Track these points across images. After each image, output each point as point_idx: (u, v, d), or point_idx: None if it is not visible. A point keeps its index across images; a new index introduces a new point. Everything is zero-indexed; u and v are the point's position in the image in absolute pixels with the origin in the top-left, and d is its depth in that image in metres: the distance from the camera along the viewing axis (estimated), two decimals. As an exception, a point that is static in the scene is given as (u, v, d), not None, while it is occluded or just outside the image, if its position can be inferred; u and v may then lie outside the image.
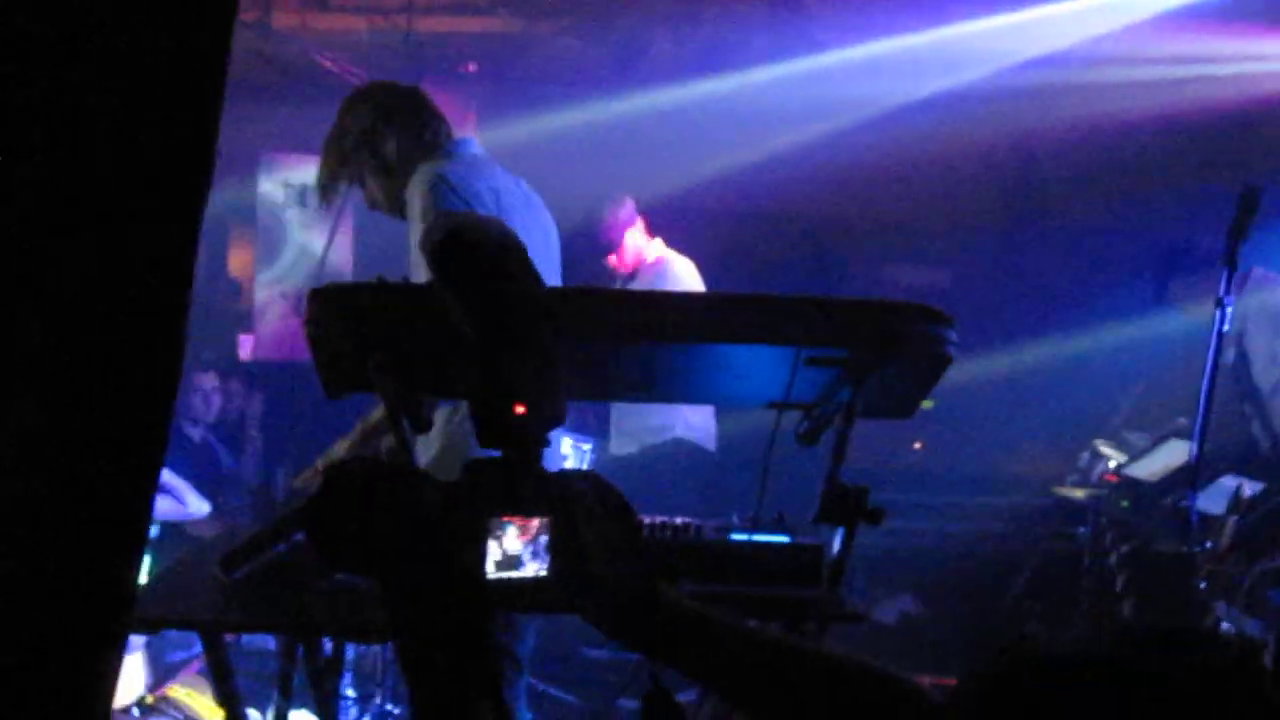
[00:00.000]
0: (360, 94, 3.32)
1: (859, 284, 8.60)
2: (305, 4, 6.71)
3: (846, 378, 2.04)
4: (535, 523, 1.17)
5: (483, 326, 1.20)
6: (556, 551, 1.17)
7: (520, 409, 1.18)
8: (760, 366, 2.02)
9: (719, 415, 5.52)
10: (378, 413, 2.97)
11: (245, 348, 7.43)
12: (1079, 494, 5.34)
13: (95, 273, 1.05)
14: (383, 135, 3.19)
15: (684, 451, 5.23)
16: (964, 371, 7.46)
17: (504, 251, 1.23)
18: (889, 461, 8.03)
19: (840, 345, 2.00)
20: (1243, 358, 5.16)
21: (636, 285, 5.23)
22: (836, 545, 2.05)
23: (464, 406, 3.01)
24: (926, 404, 7.78)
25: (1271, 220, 5.18)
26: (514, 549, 1.16)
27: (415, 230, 3.04)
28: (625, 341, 1.99)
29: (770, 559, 2.09)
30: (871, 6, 6.22)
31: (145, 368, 1.09)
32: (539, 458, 1.20)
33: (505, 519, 1.16)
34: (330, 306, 1.99)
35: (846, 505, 1.99)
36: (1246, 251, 5.03)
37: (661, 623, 1.21)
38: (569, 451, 5.08)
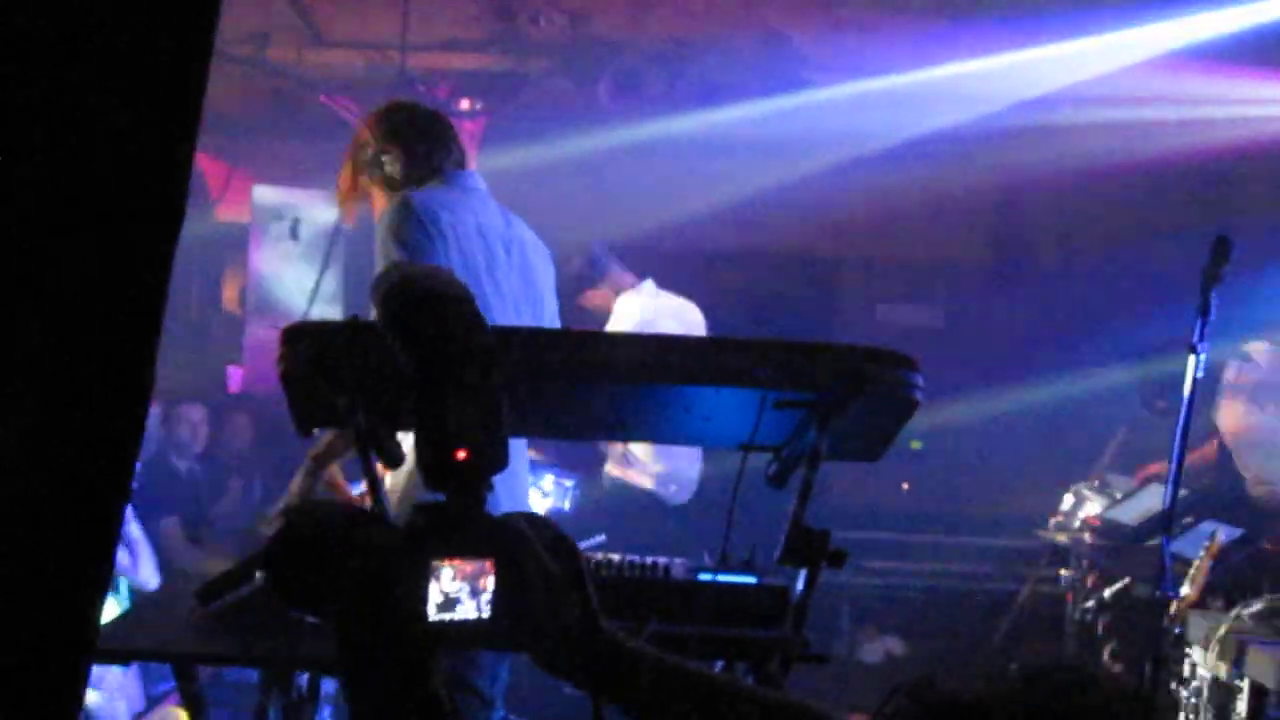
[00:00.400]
0: (382, 110, 3.37)
1: (852, 323, 8.64)
2: (301, 39, 6.76)
3: (813, 420, 2.06)
4: (473, 565, 1.19)
5: (426, 373, 1.23)
6: (499, 592, 1.19)
7: (462, 454, 1.21)
8: (728, 409, 2.04)
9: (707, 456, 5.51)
10: (324, 440, 2.99)
11: (234, 380, 7.45)
12: (1062, 537, 5.36)
13: (95, 273, 1.06)
14: (389, 153, 3.25)
15: (641, 497, 5.23)
16: (953, 412, 7.53)
17: (448, 301, 1.26)
18: (876, 503, 8.06)
19: (807, 388, 2.02)
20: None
21: (613, 322, 5.24)
22: (800, 587, 2.06)
23: None
24: (915, 445, 7.84)
25: (1253, 268, 5.24)
26: (452, 590, 1.18)
27: (378, 253, 3.08)
28: (593, 382, 2.01)
29: (736, 600, 2.10)
30: (861, 48, 6.27)
31: (130, 370, 1.10)
32: (482, 501, 1.23)
33: (445, 561, 1.18)
34: (302, 345, 2.01)
35: (809, 547, 2.01)
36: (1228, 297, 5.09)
37: (604, 662, 1.23)
38: (551, 488, 5.08)
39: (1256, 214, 7.04)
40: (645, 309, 5.21)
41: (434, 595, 1.18)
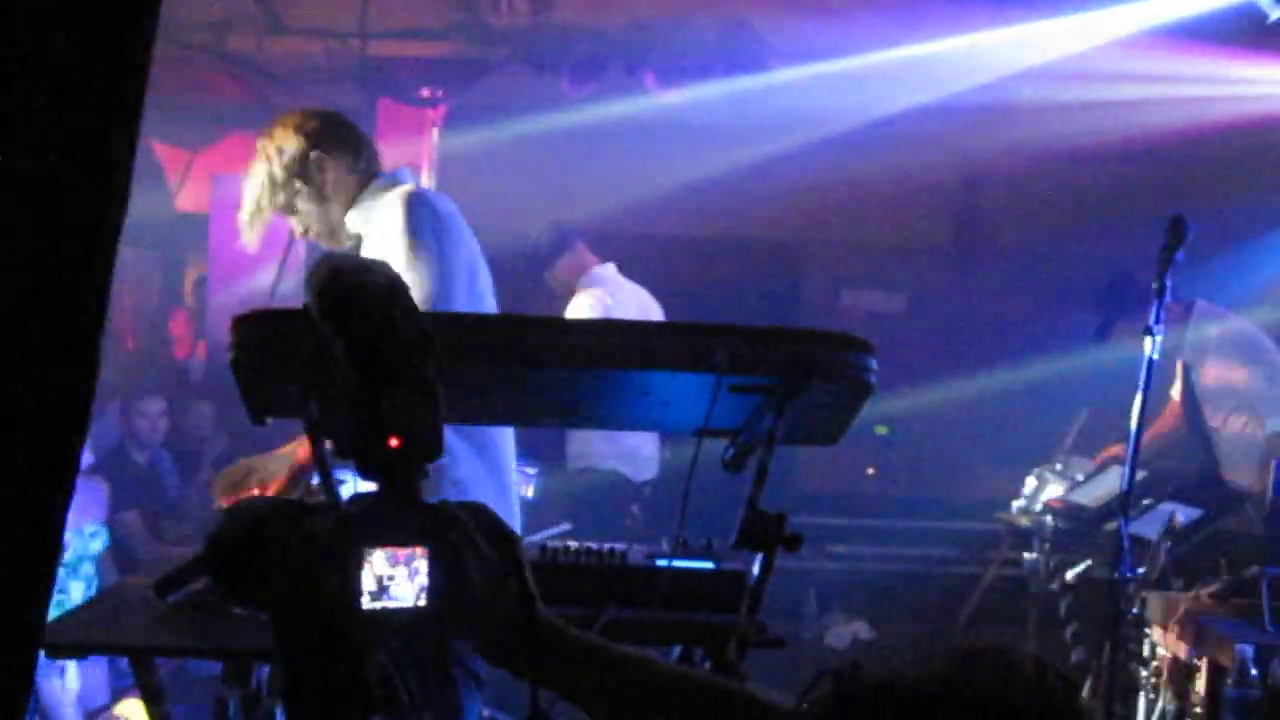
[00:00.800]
0: (288, 120, 3.23)
1: (816, 308, 8.67)
2: (261, 29, 6.71)
3: (769, 404, 2.06)
4: (406, 551, 1.19)
5: (360, 363, 1.23)
6: (434, 579, 1.19)
7: (394, 442, 1.20)
8: (683, 393, 2.04)
9: (665, 440, 5.54)
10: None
11: (196, 372, 7.40)
12: (1024, 520, 5.39)
13: (30, 267, 1.05)
14: (318, 163, 3.16)
15: (600, 479, 5.27)
16: (917, 396, 7.56)
17: (379, 290, 1.26)
18: (842, 488, 8.10)
19: (763, 372, 2.01)
20: (1192, 388, 5.23)
21: (573, 305, 5.27)
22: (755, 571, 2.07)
23: None
24: (880, 430, 7.86)
25: (1213, 250, 5.28)
26: (386, 576, 1.18)
27: (395, 252, 3.02)
28: (547, 367, 2.00)
29: (692, 585, 2.10)
30: (821, 31, 6.28)
31: (73, 363, 1.09)
32: (417, 489, 1.22)
33: (378, 548, 1.18)
34: (254, 332, 1.99)
35: (765, 531, 2.01)
36: (1188, 281, 5.12)
37: (541, 649, 1.23)
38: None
39: (1221, 193, 7.09)
40: (607, 294, 5.24)
41: (367, 582, 1.17)
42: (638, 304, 5.27)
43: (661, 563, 2.12)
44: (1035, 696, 1.14)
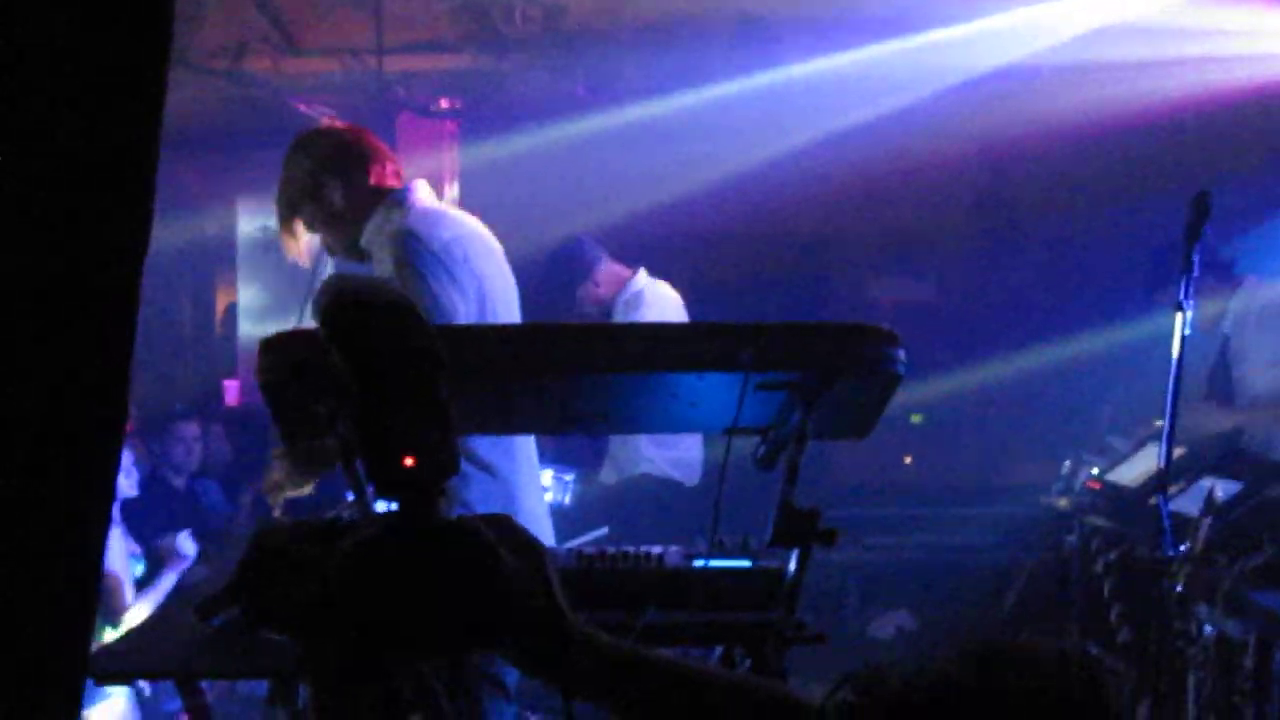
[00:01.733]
0: (300, 143, 3.29)
1: (844, 299, 8.65)
2: (276, 48, 6.74)
3: (797, 400, 2.06)
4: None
5: (365, 381, 1.23)
6: (459, 594, 1.19)
7: (409, 460, 1.21)
8: (711, 393, 2.05)
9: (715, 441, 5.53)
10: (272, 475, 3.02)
11: (231, 393, 7.45)
12: (1063, 502, 5.36)
13: (54, 289, 1.05)
14: (326, 184, 3.19)
15: (653, 484, 5.25)
16: (951, 383, 7.53)
17: (384, 307, 1.26)
18: (880, 477, 8.07)
19: (789, 368, 2.02)
20: (1226, 359, 5.21)
21: (614, 316, 5.26)
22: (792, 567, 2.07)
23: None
24: (916, 419, 7.82)
25: (1246, 221, 5.23)
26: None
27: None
28: (575, 375, 2.01)
29: (729, 584, 2.10)
30: (836, 24, 6.26)
31: (104, 388, 1.09)
32: (435, 506, 1.23)
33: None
34: (282, 355, 2.01)
35: (799, 527, 2.01)
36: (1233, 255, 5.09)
37: (576, 659, 1.23)
38: (550, 483, 5.09)
39: (1248, 166, 7.03)
40: (649, 297, 5.25)
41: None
42: (675, 303, 5.28)
43: (698, 563, 2.12)
44: (1061, 698, 1.13)
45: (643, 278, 5.37)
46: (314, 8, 6.53)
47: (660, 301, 5.27)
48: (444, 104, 6.80)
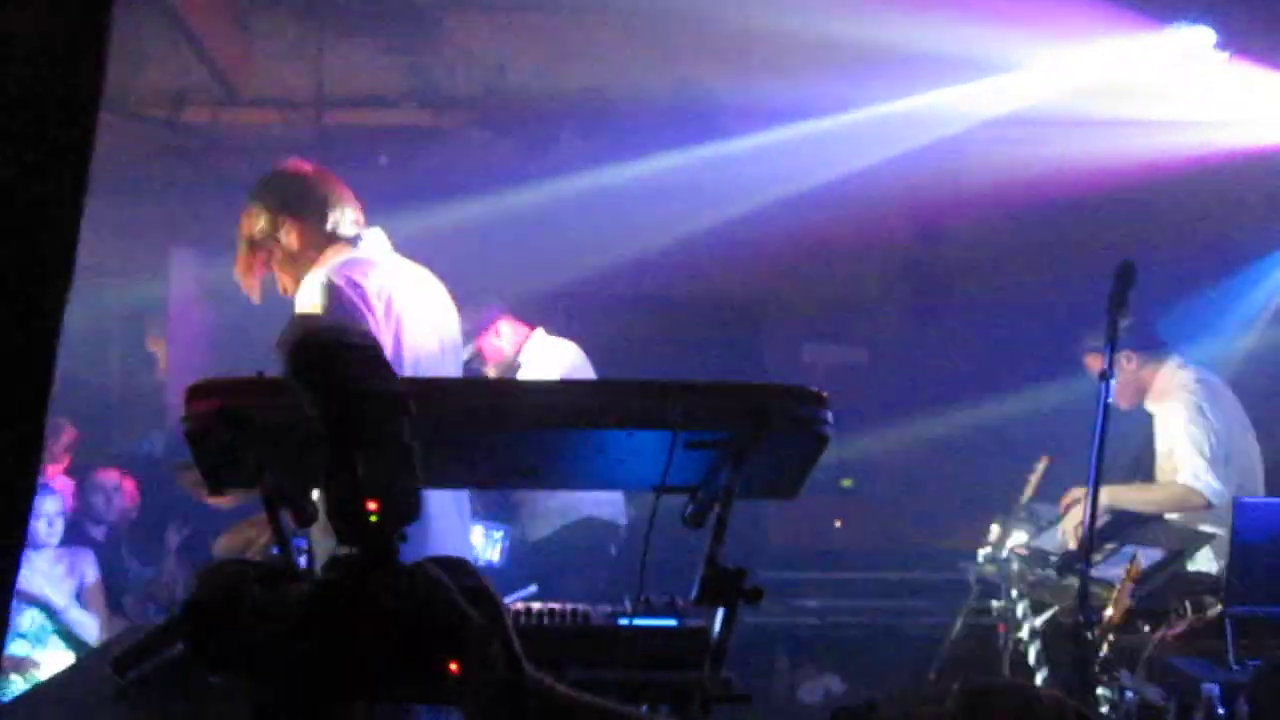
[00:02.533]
0: (263, 182, 3.33)
1: (776, 364, 8.71)
2: (216, 99, 6.72)
3: (725, 459, 2.07)
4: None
5: (332, 424, 1.23)
6: (417, 644, 1.18)
7: (372, 505, 1.20)
8: (639, 450, 2.05)
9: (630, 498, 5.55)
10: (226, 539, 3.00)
11: (156, 443, 7.34)
12: (990, 568, 5.40)
13: None
14: (283, 226, 3.22)
15: (595, 529, 5.26)
16: (881, 448, 7.58)
17: (353, 350, 1.26)
18: (811, 541, 8.09)
19: (717, 427, 2.02)
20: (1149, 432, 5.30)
21: (518, 364, 5.34)
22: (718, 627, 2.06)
23: None
24: (846, 483, 7.85)
25: (1161, 294, 5.35)
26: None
27: None
28: (504, 430, 2.01)
29: (655, 643, 2.10)
30: (775, 95, 6.35)
31: (18, 433, 1.08)
32: (395, 552, 1.22)
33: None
34: (207, 401, 1.99)
35: (725, 586, 2.01)
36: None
37: (532, 710, 1.21)
38: (480, 541, 5.06)
39: (1169, 235, 7.22)
40: (552, 353, 5.33)
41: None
42: (577, 359, 5.37)
43: (623, 621, 2.12)
44: None
45: (541, 334, 5.53)
46: (254, 58, 6.52)
47: (564, 357, 5.35)
48: (382, 160, 6.79)
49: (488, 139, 6.73)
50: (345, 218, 3.29)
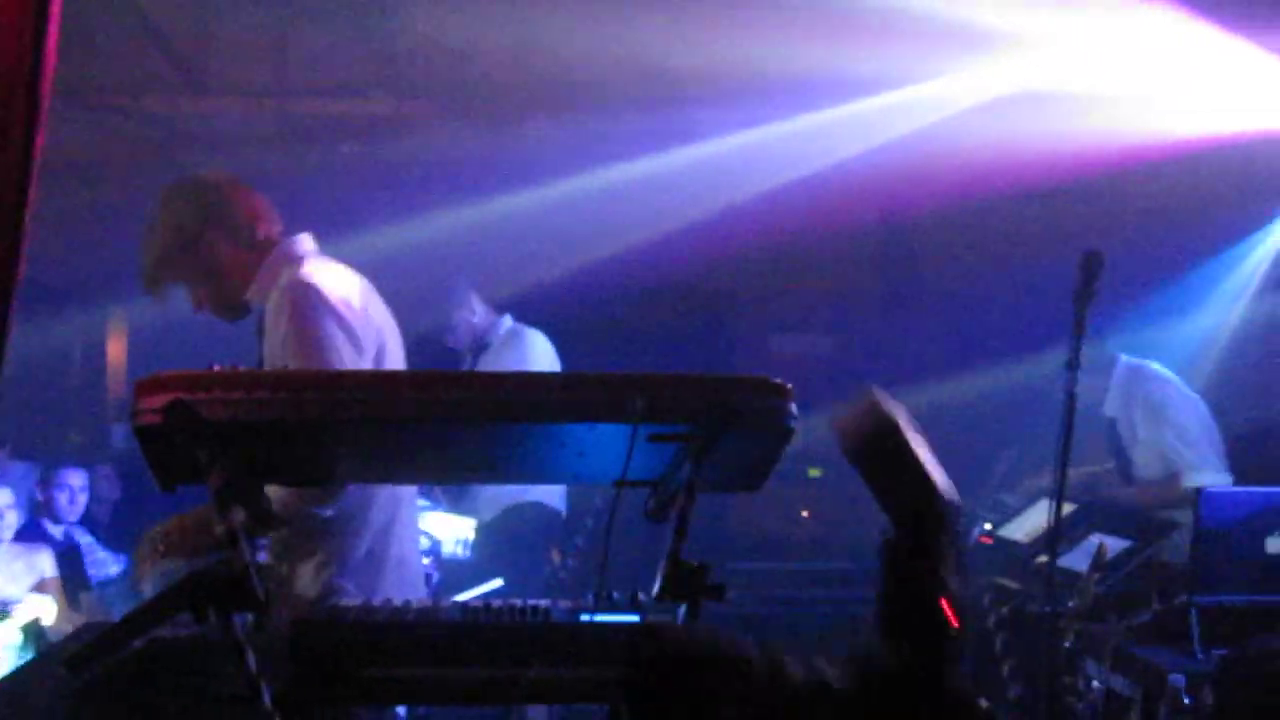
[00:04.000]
0: (177, 190, 3.13)
1: (745, 354, 8.69)
2: (177, 87, 6.63)
3: (688, 453, 2.04)
4: None
5: (915, 520, 1.27)
6: None
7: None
8: (601, 444, 2.02)
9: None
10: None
11: (118, 436, 7.26)
12: (956, 557, 5.39)
13: None
14: (206, 238, 3.06)
15: (540, 515, 5.24)
16: (848, 438, 7.48)
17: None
18: (778, 531, 8.08)
19: (679, 420, 2.00)
20: (1117, 437, 5.34)
21: (485, 359, 5.31)
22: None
23: None
24: (814, 472, 7.83)
25: (1123, 287, 5.37)
26: None
27: (282, 340, 2.95)
28: (463, 424, 1.97)
29: (617, 639, 2.07)
30: (743, 87, 6.33)
31: None
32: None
33: None
34: (159, 397, 1.94)
35: (687, 581, 1.99)
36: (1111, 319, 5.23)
37: None
38: (447, 533, 5.04)
39: (1138, 222, 7.25)
40: (524, 336, 5.31)
41: None
42: (547, 350, 5.35)
43: (585, 617, 2.09)
44: None
45: (509, 320, 5.55)
46: (215, 46, 6.44)
47: (534, 345, 5.41)
48: (345, 150, 6.73)
49: (453, 128, 6.66)
50: (271, 227, 3.14)
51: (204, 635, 2.25)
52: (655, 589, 2.00)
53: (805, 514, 8.26)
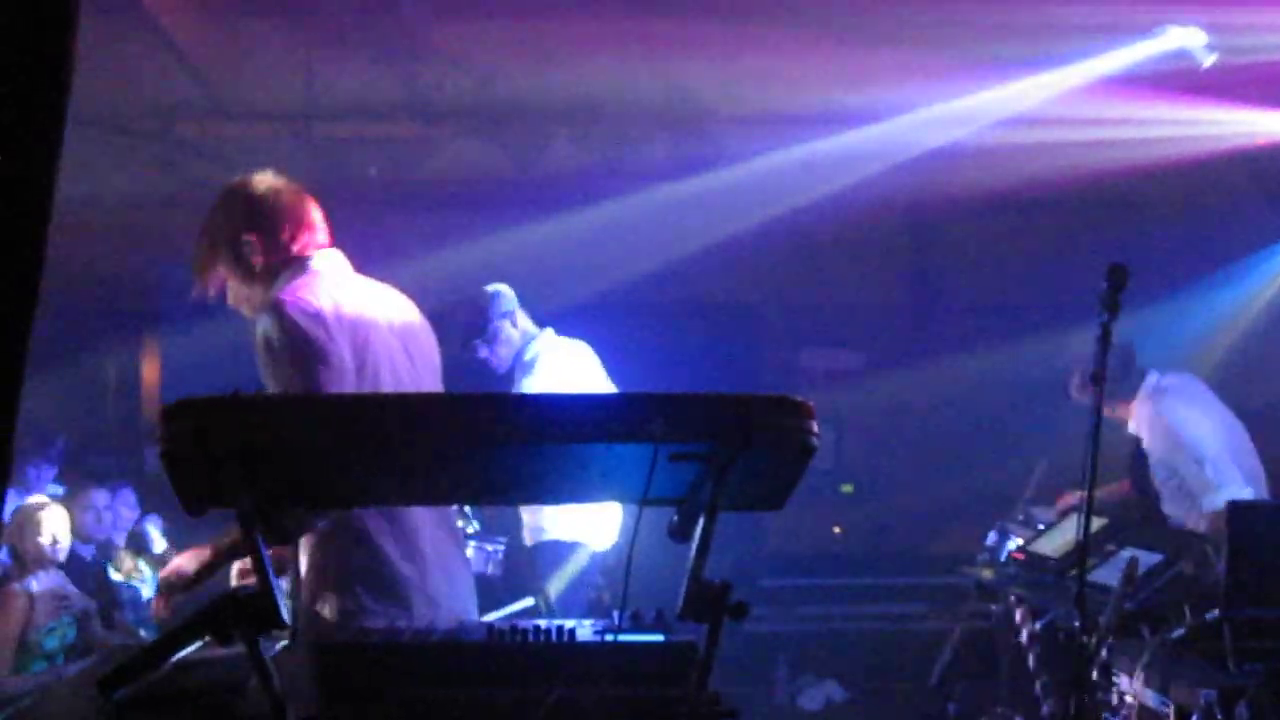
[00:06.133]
0: (234, 190, 3.21)
1: (776, 371, 8.69)
2: (206, 113, 6.71)
3: (709, 472, 2.04)
4: None
5: None
6: None
7: None
8: (621, 465, 2.01)
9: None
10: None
11: (150, 459, 7.31)
12: (988, 573, 5.37)
13: None
14: (246, 241, 3.13)
15: (559, 551, 5.14)
16: (881, 454, 7.57)
17: None
18: (811, 547, 8.07)
19: (700, 439, 1.99)
20: (1142, 456, 5.32)
21: (525, 381, 5.19)
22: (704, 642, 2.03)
23: None
24: (846, 489, 7.84)
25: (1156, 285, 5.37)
26: None
27: (262, 364, 3.00)
28: (483, 445, 1.98)
29: (641, 659, 2.07)
30: (764, 98, 6.33)
31: None
32: None
33: None
34: (184, 422, 1.96)
35: (709, 601, 1.98)
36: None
37: None
38: (475, 553, 5.03)
39: (1163, 228, 7.24)
40: (562, 355, 5.20)
41: None
42: (586, 359, 5.26)
43: (609, 638, 2.08)
44: None
45: (551, 334, 5.30)
46: (243, 71, 6.50)
47: (577, 355, 5.25)
48: (372, 172, 6.77)
49: (477, 149, 6.70)
50: (310, 239, 3.20)
51: (233, 659, 2.27)
52: (677, 608, 2.00)
53: (838, 530, 8.25)
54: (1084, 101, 6.21)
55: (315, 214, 3.26)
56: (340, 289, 3.11)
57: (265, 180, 3.25)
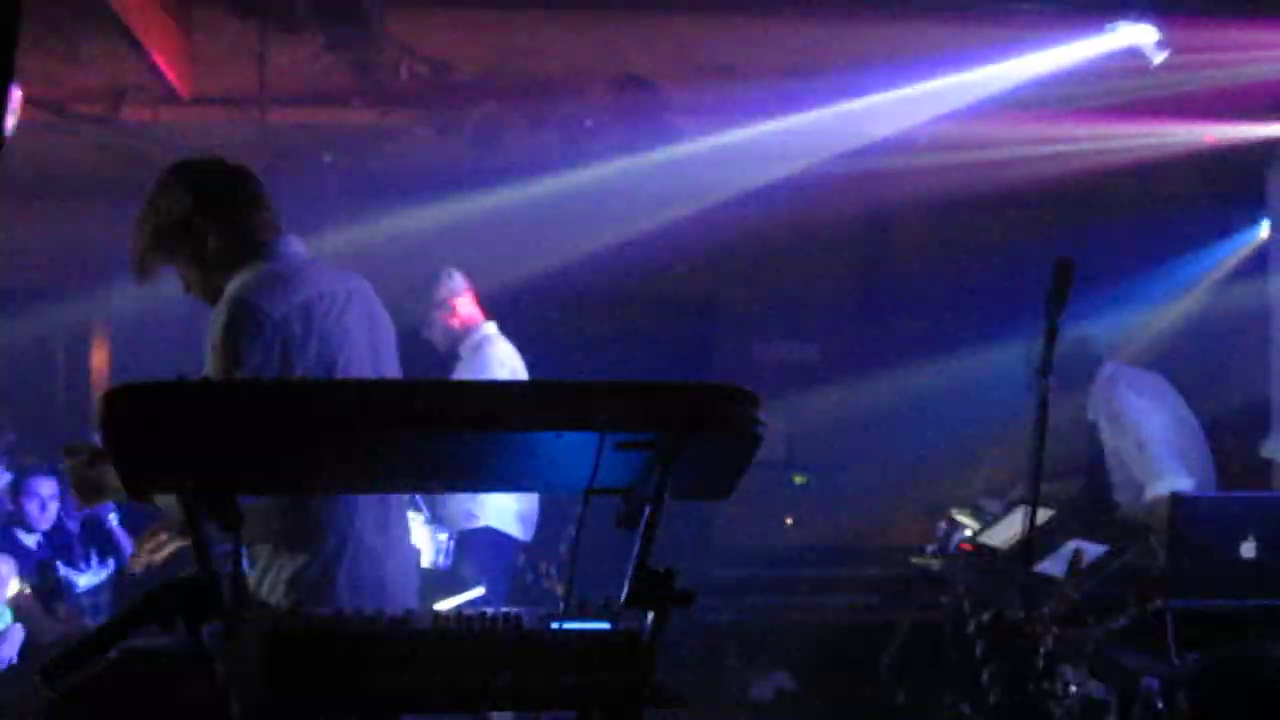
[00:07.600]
0: (180, 172, 3.07)
1: (728, 361, 8.71)
2: (157, 98, 6.62)
3: (656, 461, 2.04)
4: None
5: None
6: None
7: None
8: (567, 453, 2.01)
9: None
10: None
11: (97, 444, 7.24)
12: (937, 564, 5.41)
13: None
14: (200, 226, 2.99)
15: (493, 540, 5.18)
16: (833, 444, 7.61)
17: None
18: (762, 538, 8.11)
19: (646, 428, 2.00)
20: (1097, 444, 5.39)
21: (459, 354, 5.26)
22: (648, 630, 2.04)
23: None
24: (799, 479, 7.88)
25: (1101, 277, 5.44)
26: None
27: (211, 357, 2.94)
28: (430, 432, 1.97)
29: (587, 647, 2.07)
30: (720, 91, 6.34)
31: None
32: None
33: None
34: (127, 406, 1.94)
35: (655, 589, 1.99)
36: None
37: None
38: (428, 544, 5.02)
39: (1114, 217, 7.32)
40: (508, 353, 5.27)
41: None
42: (517, 363, 5.31)
43: (555, 625, 2.09)
44: None
45: (492, 327, 5.40)
46: (195, 55, 6.43)
47: (505, 355, 5.32)
48: (326, 159, 6.72)
49: (433, 137, 6.67)
50: (267, 222, 3.09)
51: (178, 646, 2.26)
52: (623, 596, 2.00)
53: (789, 521, 8.29)
54: (1036, 91, 6.25)
55: (267, 197, 3.15)
56: (304, 281, 3.02)
57: (214, 162, 3.14)
